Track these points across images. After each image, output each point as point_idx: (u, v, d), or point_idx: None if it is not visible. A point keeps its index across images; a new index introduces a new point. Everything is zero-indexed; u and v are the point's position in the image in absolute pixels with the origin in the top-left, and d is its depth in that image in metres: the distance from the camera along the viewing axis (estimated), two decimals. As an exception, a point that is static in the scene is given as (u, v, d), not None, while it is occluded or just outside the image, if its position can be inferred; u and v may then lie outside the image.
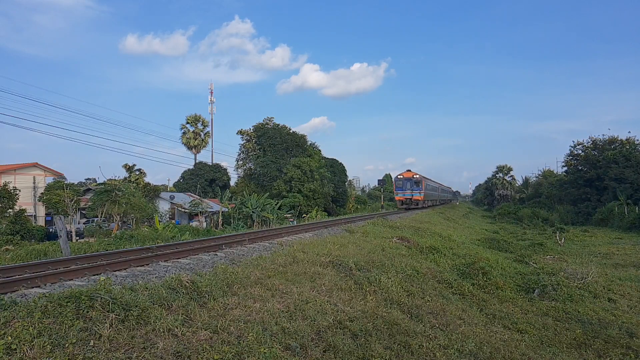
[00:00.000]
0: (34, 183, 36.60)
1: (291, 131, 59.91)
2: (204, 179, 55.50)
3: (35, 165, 38.03)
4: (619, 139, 54.40)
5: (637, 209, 40.30)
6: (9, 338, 4.55)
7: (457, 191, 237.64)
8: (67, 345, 4.66)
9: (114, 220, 30.28)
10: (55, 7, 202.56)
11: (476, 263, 15.82)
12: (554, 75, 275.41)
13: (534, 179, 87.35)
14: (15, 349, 4.42)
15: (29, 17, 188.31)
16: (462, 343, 8.00)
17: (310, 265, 10.81)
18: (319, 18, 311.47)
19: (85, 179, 66.65)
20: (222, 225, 36.05)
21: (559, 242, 28.73)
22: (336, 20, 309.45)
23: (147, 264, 9.88)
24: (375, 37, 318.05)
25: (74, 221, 30.60)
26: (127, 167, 44.10)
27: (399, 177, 52.69)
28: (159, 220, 30.67)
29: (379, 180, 79.46)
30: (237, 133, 61.10)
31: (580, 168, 55.63)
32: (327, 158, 62.19)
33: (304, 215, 45.73)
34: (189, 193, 48.00)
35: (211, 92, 70.21)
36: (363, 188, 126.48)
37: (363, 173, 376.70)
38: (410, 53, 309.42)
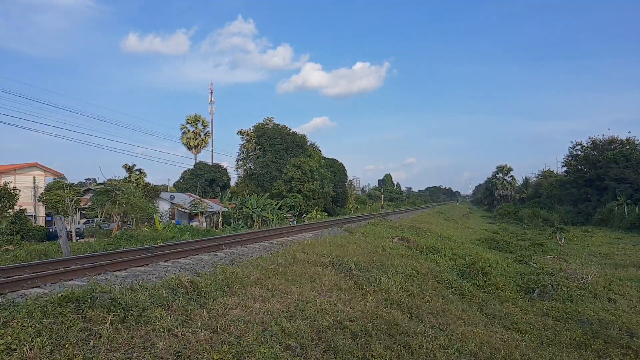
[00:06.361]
0: (34, 183, 36.58)
1: (291, 131, 59.90)
2: (204, 179, 55.47)
3: (35, 166, 38.02)
4: (618, 139, 54.34)
5: (637, 209, 40.26)
6: (9, 338, 4.54)
7: (457, 191, 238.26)
8: (66, 345, 4.66)
9: (114, 221, 30.24)
10: (55, 6, 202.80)
11: (476, 263, 15.82)
12: (554, 75, 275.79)
13: (534, 179, 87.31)
14: (15, 349, 4.42)
15: (29, 17, 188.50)
16: (462, 343, 7.99)
17: (310, 265, 10.81)
18: (321, 17, 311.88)
19: (85, 179, 66.64)
20: (222, 225, 36.01)
21: (559, 242, 28.71)
22: (339, 19, 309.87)
23: (147, 264, 9.86)
24: (378, 37, 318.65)
25: (74, 221, 30.57)
26: (127, 167, 44.03)
27: None
28: (159, 221, 30.65)
29: (379, 180, 79.61)
30: (237, 133, 61.04)
31: (580, 168, 55.54)
32: (327, 158, 62.14)
33: (304, 215, 45.72)
34: (189, 193, 47.94)
35: (211, 92, 70.22)
36: (363, 188, 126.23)
37: (363, 173, 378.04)
38: (412, 53, 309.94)
